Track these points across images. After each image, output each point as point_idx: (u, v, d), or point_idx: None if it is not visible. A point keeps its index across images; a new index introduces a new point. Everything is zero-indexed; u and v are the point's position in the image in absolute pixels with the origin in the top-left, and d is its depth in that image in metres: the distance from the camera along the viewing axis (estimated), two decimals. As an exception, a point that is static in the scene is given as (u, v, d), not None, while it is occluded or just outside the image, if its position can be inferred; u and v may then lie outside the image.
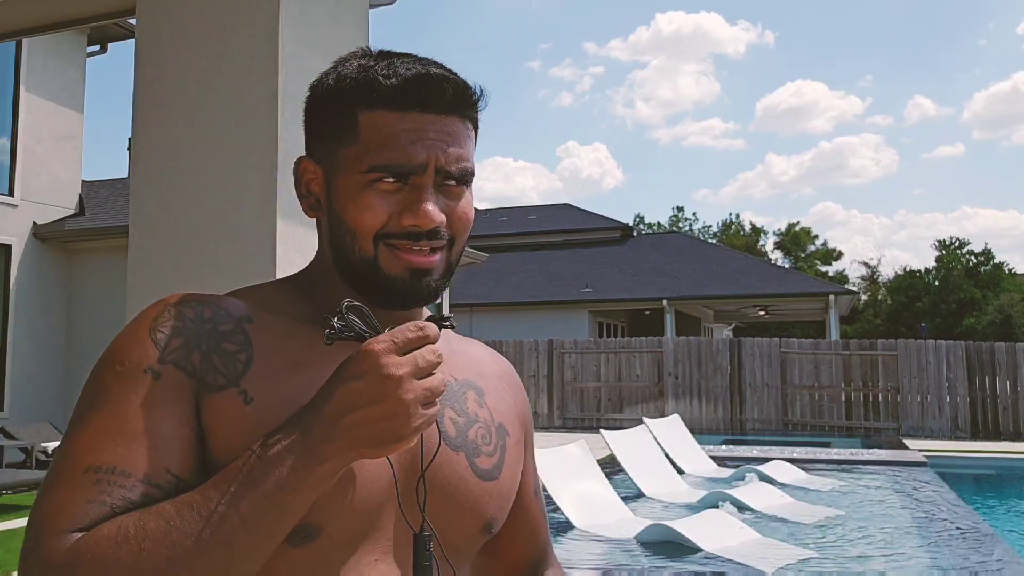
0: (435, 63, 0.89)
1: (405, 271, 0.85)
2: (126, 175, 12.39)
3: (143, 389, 0.79)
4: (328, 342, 0.76)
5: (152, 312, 0.85)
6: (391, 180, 0.84)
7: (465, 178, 0.87)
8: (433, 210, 0.84)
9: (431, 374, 0.74)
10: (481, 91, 0.91)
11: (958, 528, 6.02)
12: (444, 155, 0.85)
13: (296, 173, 0.92)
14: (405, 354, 0.73)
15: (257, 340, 0.85)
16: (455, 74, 0.89)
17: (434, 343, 0.75)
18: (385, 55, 0.89)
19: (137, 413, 0.78)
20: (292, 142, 2.27)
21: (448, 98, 0.86)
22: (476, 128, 0.92)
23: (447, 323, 0.80)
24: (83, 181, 12.93)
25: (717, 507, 6.29)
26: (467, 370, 0.97)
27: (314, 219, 0.94)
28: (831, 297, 20.65)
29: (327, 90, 0.89)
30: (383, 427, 0.72)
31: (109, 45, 12.58)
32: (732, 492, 6.84)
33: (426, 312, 0.94)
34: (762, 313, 25.44)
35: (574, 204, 32.18)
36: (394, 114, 0.85)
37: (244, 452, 0.75)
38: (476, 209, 0.93)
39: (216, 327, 0.84)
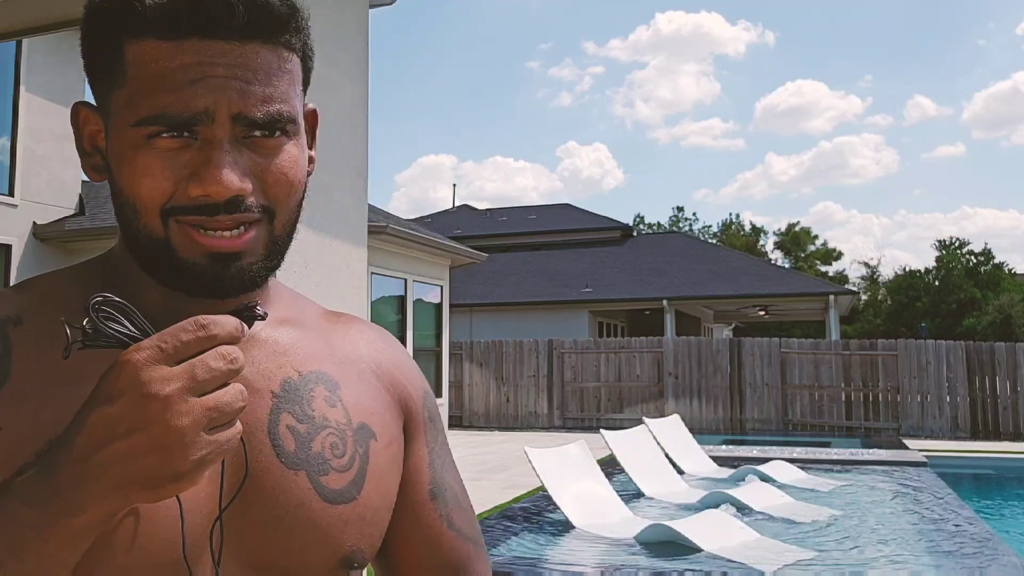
0: None
1: (204, 256, 0.65)
2: (126, 175, 12.38)
3: None
4: (65, 356, 0.56)
5: None
6: (170, 135, 0.63)
7: (278, 125, 0.66)
8: (228, 173, 0.63)
9: (224, 385, 0.55)
10: (295, 7, 0.68)
11: (958, 528, 6.02)
12: (241, 96, 0.64)
13: (75, 123, 0.71)
14: (179, 362, 0.54)
15: (22, 348, 0.66)
16: None
17: (231, 343, 0.56)
18: None
19: None
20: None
21: (240, 17, 0.64)
22: (304, 58, 0.71)
23: (255, 314, 0.61)
24: (83, 181, 12.92)
25: (717, 507, 6.29)
26: (321, 359, 0.76)
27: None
28: (831, 297, 20.65)
29: (92, 9, 0.67)
30: (151, 463, 0.53)
31: (109, 45, 12.59)
32: (732, 492, 6.84)
33: (290, 297, 0.79)
34: (762, 313, 25.43)
35: (574, 204, 32.18)
36: (168, 44, 0.63)
37: None
38: (475, 209, 0.81)
39: None
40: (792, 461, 9.16)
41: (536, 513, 6.57)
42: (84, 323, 0.56)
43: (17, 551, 0.54)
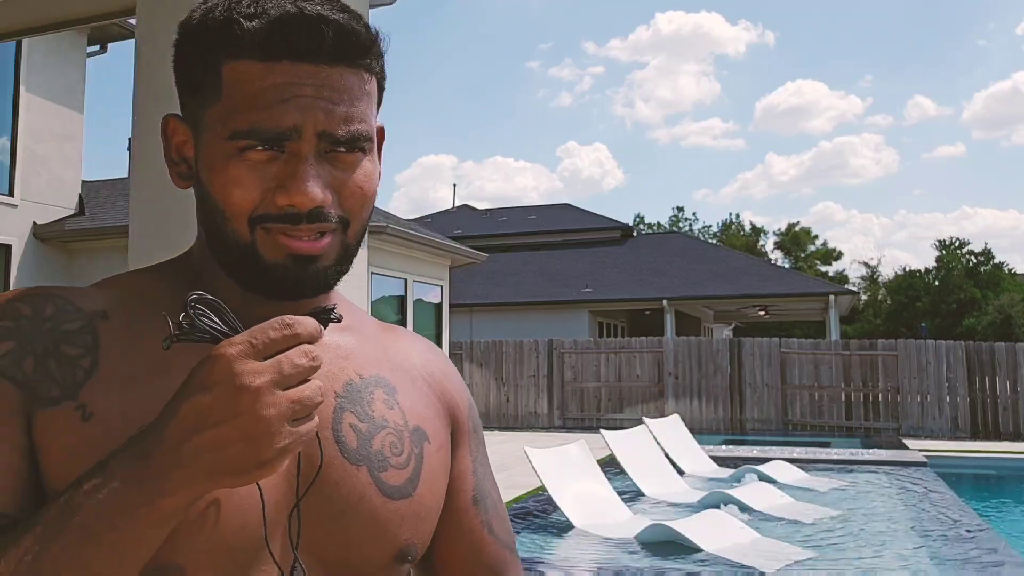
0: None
1: (287, 258, 0.71)
2: (126, 175, 12.39)
3: None
4: (165, 347, 0.61)
5: None
6: (261, 148, 0.69)
7: (358, 143, 0.71)
8: (313, 186, 0.69)
9: (304, 381, 0.59)
10: (377, 33, 0.74)
11: (958, 528, 6.02)
12: (326, 115, 0.69)
13: (164, 133, 0.76)
14: (267, 358, 0.59)
15: (108, 341, 0.71)
16: (347, 12, 0.72)
17: (311, 342, 0.60)
18: None
19: None
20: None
21: (329, 43, 0.69)
22: (380, 80, 0.76)
23: (331, 316, 0.67)
24: (83, 181, 12.93)
25: (717, 507, 6.29)
26: (379, 364, 0.82)
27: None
28: (831, 297, 20.65)
29: (189, 31, 0.73)
30: (239, 451, 0.57)
31: (109, 45, 12.58)
32: (732, 492, 6.84)
33: (345, 301, 0.83)
34: (762, 313, 25.43)
35: (574, 204, 32.19)
36: (260, 65, 0.69)
37: (70, 485, 0.60)
38: (475, 209, 0.86)
39: (58, 326, 0.70)
40: (792, 461, 9.16)
41: (536, 513, 6.57)
42: (181, 318, 0.62)
43: (111, 524, 0.58)
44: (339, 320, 0.68)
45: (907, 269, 46.78)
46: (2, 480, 0.64)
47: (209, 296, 0.63)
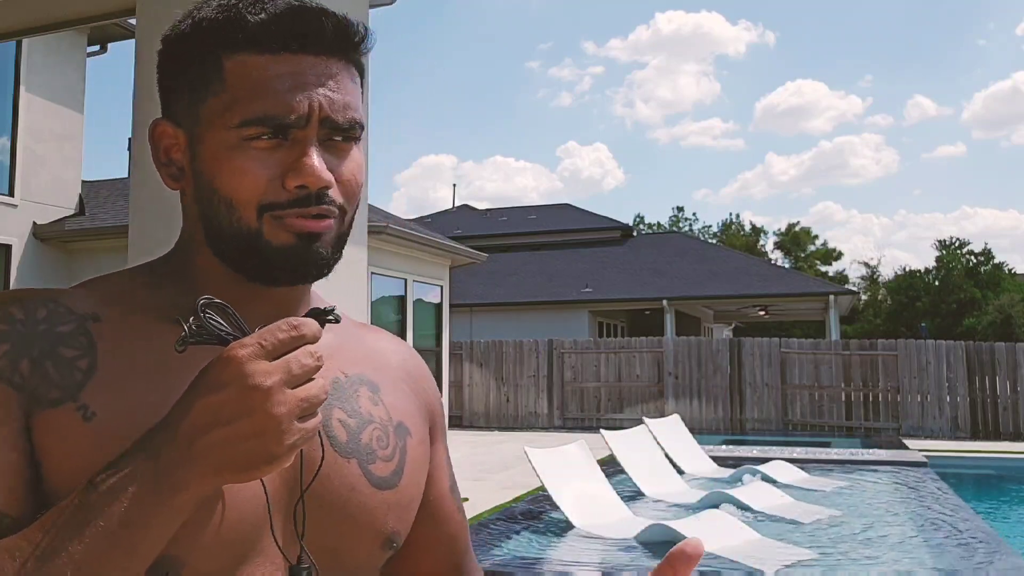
0: None
1: (293, 237, 0.72)
2: (126, 175, 12.39)
3: None
4: (180, 349, 0.64)
5: None
6: (268, 136, 0.71)
7: (354, 131, 0.75)
8: (321, 166, 0.72)
9: (309, 380, 0.62)
10: (367, 30, 0.77)
11: (958, 528, 6.02)
12: (329, 103, 0.72)
13: (152, 138, 0.78)
14: (276, 359, 0.61)
15: (104, 342, 0.72)
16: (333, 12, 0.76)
17: (313, 343, 0.63)
18: None
19: None
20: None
21: (329, 35, 0.73)
22: (362, 75, 0.79)
23: (330, 317, 0.70)
24: (83, 181, 12.93)
25: (717, 507, 6.29)
26: (361, 363, 0.85)
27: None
28: (831, 297, 20.65)
29: (182, 36, 0.75)
30: (250, 447, 0.60)
31: (109, 45, 12.57)
32: (732, 492, 6.84)
33: (322, 301, 0.83)
34: (762, 313, 25.44)
35: (574, 204, 32.19)
36: (265, 56, 0.72)
37: (82, 483, 0.62)
38: (475, 209, 0.87)
39: (52, 328, 0.71)
40: (792, 461, 9.16)
41: (536, 513, 6.57)
42: (192, 321, 0.64)
43: (126, 523, 0.60)
44: (338, 321, 0.70)
45: (907, 269, 46.80)
46: (5, 481, 0.65)
47: (217, 300, 0.65)
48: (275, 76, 0.71)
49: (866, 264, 52.63)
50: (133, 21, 2.63)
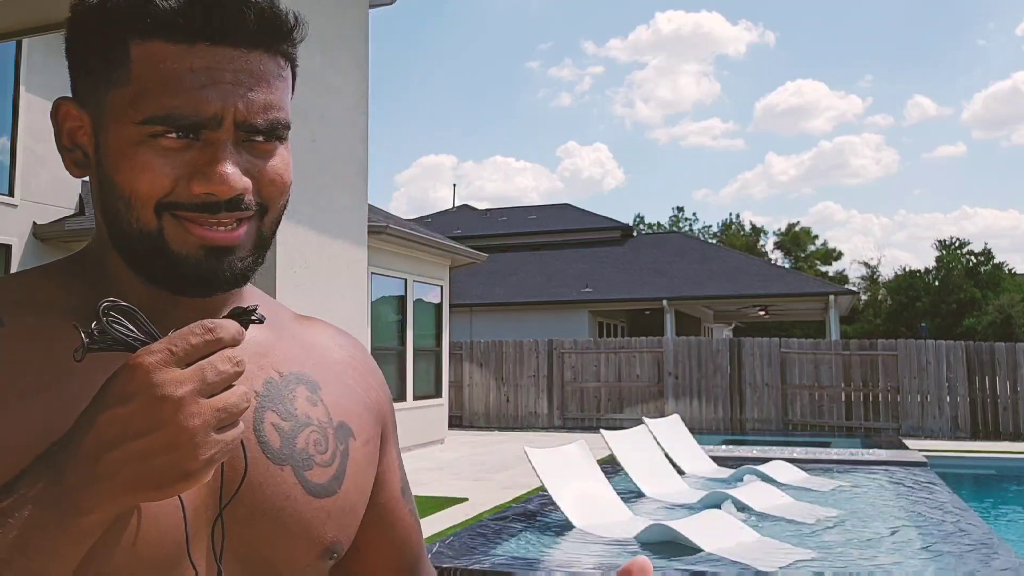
0: None
1: (199, 249, 0.67)
2: (126, 175, 12.37)
3: None
4: (78, 358, 0.57)
5: None
6: (175, 136, 0.65)
7: (276, 131, 0.69)
8: (233, 173, 0.65)
9: (228, 387, 0.57)
10: (297, 19, 0.70)
11: (958, 528, 6.02)
12: (245, 103, 0.66)
13: (55, 119, 0.70)
14: (188, 365, 0.56)
15: (3, 351, 0.65)
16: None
17: (232, 346, 0.57)
18: None
19: None
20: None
21: (251, 26, 0.66)
22: (294, 67, 0.73)
23: (253, 317, 0.62)
24: (83, 181, 12.93)
25: (717, 507, 6.29)
26: (299, 360, 0.78)
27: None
28: (831, 297, 20.65)
29: (90, 9, 0.67)
30: (162, 463, 0.54)
31: (109, 45, 12.58)
32: (732, 492, 6.84)
33: (257, 296, 0.79)
34: (762, 313, 25.43)
35: (574, 204, 32.18)
36: (177, 47, 0.64)
37: None
38: (475, 209, 0.84)
39: None
40: (792, 461, 9.15)
41: (536, 513, 6.57)
42: (93, 326, 0.57)
43: (23, 549, 0.54)
44: (261, 321, 0.63)
45: (907, 269, 46.82)
46: None
47: (123, 302, 0.59)
48: (187, 70, 0.64)
49: (866, 264, 52.70)
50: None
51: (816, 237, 54.32)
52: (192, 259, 0.67)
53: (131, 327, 0.59)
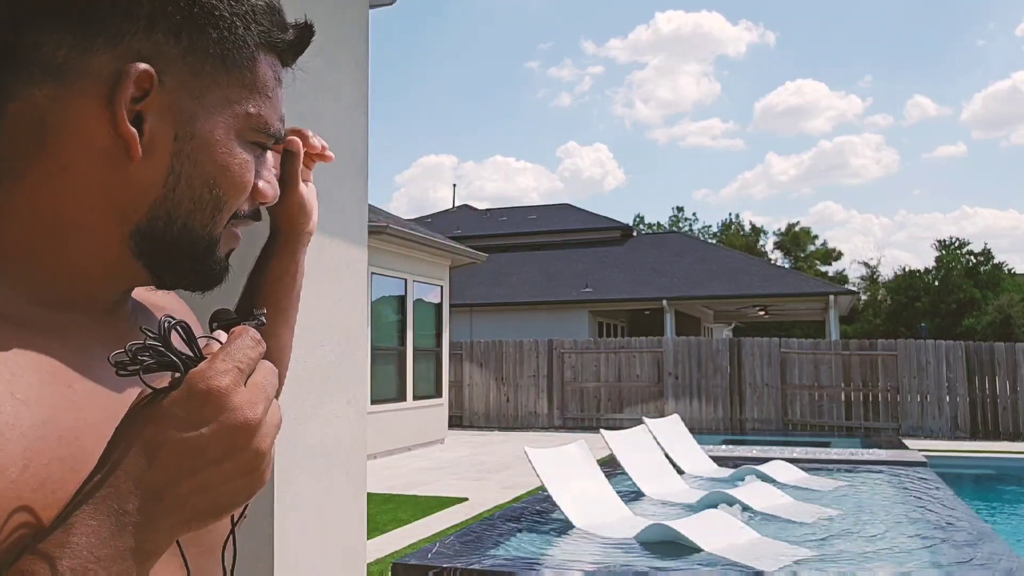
0: None
1: (228, 251, 0.69)
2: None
3: None
4: (123, 374, 0.52)
5: None
6: (265, 144, 0.68)
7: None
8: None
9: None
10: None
11: (958, 528, 6.02)
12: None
13: (132, 82, 0.58)
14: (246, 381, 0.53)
15: None
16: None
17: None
18: None
19: None
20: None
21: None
22: None
23: (261, 322, 0.59)
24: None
25: (717, 507, 6.29)
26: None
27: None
28: (831, 297, 20.65)
29: (243, 11, 0.64)
30: (235, 487, 0.52)
31: (109, 45, 12.58)
32: (732, 492, 6.83)
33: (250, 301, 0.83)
34: (762, 313, 25.43)
35: (574, 204, 32.19)
36: (275, 64, 0.68)
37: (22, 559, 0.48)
38: (475, 209, 0.85)
39: None
40: (792, 461, 9.14)
41: (536, 513, 6.57)
42: (144, 342, 0.53)
43: None
44: (264, 324, 0.60)
45: (907, 269, 46.86)
46: None
47: (182, 320, 0.54)
48: (281, 91, 0.69)
49: (866, 264, 52.77)
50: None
51: (816, 237, 54.39)
52: (223, 262, 0.68)
53: (165, 349, 0.53)
